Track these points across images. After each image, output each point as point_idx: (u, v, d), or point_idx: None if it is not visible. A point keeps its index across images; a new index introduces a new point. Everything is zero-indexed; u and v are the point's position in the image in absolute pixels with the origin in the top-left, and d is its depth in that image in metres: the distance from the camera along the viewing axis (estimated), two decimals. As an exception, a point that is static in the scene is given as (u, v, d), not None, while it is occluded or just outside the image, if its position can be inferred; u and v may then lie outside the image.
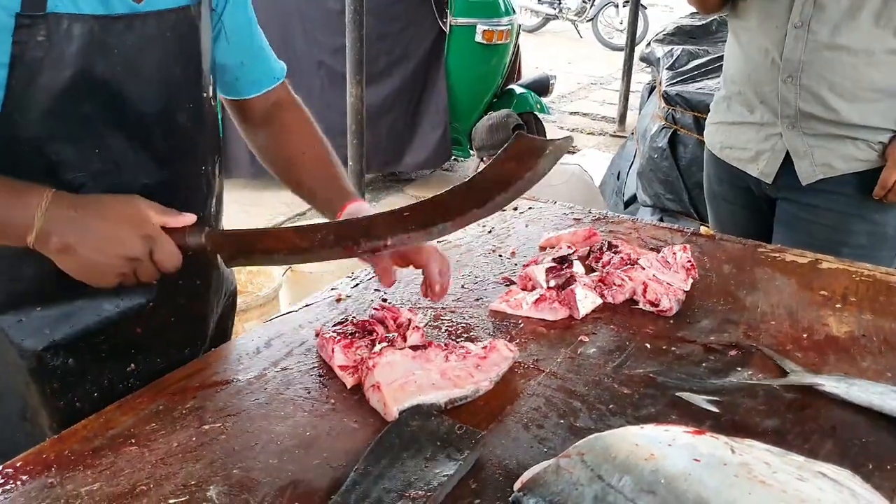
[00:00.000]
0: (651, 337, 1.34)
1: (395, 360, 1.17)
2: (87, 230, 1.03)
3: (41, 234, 1.02)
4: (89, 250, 1.04)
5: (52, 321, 1.20)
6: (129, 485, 0.97)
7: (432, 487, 0.92)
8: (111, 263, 1.05)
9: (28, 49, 1.03)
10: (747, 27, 1.97)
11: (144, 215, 1.07)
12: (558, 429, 1.09)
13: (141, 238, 1.06)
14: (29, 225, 1.01)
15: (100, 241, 1.04)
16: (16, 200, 1.02)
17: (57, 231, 1.02)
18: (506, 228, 1.78)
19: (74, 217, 1.03)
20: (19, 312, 1.18)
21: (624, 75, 7.03)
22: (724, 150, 2.11)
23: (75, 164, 1.12)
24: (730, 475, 0.87)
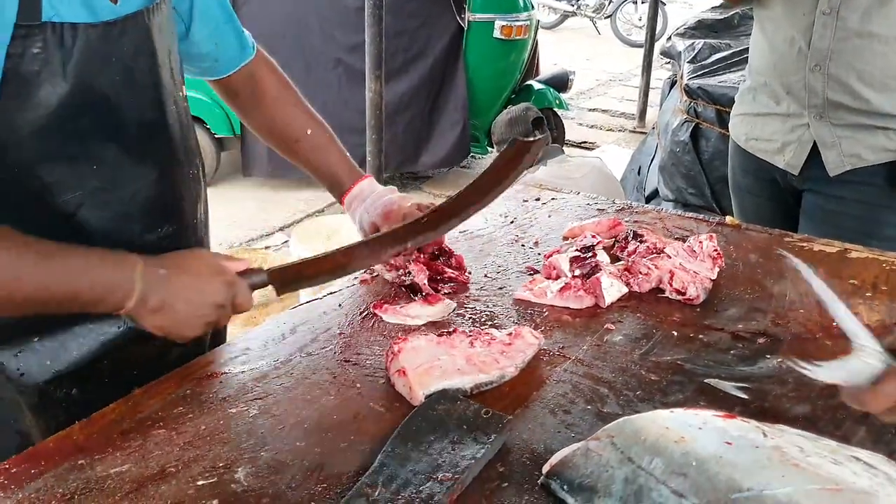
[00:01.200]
0: (678, 325, 1.33)
1: (421, 345, 1.17)
2: (179, 286, 1.07)
3: (141, 297, 1.04)
4: (183, 304, 1.07)
5: (52, 351, 1.16)
6: (158, 466, 0.97)
7: (460, 470, 0.92)
8: (202, 314, 1.09)
9: (23, 63, 0.98)
10: (773, 16, 1.95)
11: (222, 265, 1.14)
12: (585, 414, 1.08)
13: (225, 286, 1.11)
14: (130, 290, 1.03)
15: (192, 294, 1.08)
16: (111, 268, 1.04)
17: (153, 291, 1.05)
18: (529, 219, 1.77)
19: (166, 276, 1.07)
20: (16, 345, 1.14)
21: (643, 71, 6.98)
22: (749, 141, 2.09)
23: (70, 185, 1.09)
24: (762, 458, 0.86)
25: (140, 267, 1.04)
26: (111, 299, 1.03)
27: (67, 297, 1.01)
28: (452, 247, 1.51)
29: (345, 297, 1.42)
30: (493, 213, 1.81)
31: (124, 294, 1.03)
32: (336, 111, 4.98)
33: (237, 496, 0.92)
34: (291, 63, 1.72)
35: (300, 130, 1.45)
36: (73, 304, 1.03)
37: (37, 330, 1.15)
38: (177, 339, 1.11)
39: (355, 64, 4.87)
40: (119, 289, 1.03)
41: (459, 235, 1.68)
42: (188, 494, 0.92)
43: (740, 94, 2.16)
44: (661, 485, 0.84)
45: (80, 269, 1.02)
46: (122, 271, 1.04)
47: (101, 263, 1.04)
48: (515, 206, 1.84)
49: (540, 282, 1.43)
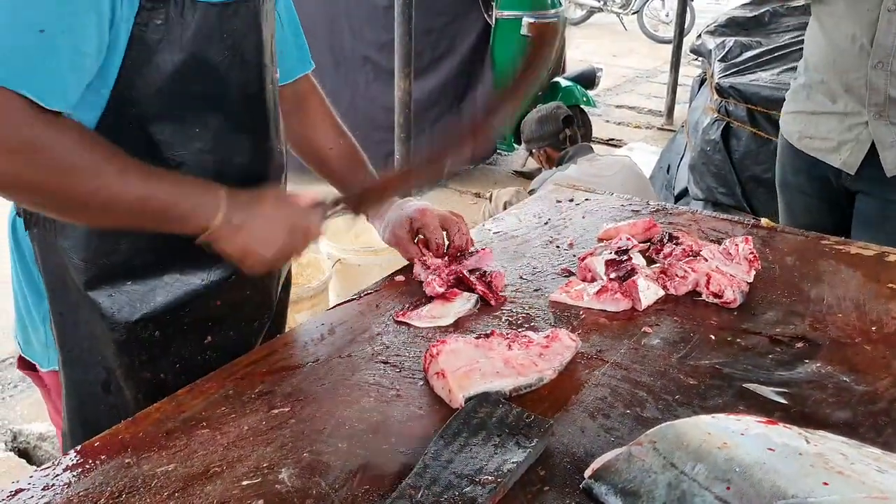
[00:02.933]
0: (715, 328, 1.32)
1: (459, 347, 1.18)
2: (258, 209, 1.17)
3: (225, 216, 1.13)
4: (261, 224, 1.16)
5: (142, 295, 1.25)
6: (203, 466, 0.99)
7: (502, 474, 0.92)
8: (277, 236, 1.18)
9: (147, 32, 1.08)
10: (833, 12, 1.92)
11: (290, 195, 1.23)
12: (625, 418, 1.08)
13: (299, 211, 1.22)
14: (216, 208, 1.13)
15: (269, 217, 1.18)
16: (202, 191, 1.14)
17: (236, 212, 1.14)
18: (563, 220, 1.78)
19: (247, 201, 1.16)
20: (111, 287, 1.23)
21: (672, 68, 6.93)
22: (802, 139, 2.06)
23: (176, 143, 1.18)
24: (806, 465, 0.86)
25: (224, 191, 1.14)
26: (199, 214, 1.13)
27: (161, 210, 1.11)
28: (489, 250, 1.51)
29: (382, 297, 1.43)
30: (527, 213, 1.81)
31: (211, 212, 1.13)
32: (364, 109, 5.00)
33: (281, 496, 0.93)
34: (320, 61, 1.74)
35: (331, 141, 1.54)
36: (166, 219, 1.12)
37: (130, 275, 1.24)
38: (253, 263, 1.18)
39: (383, 62, 4.89)
40: (206, 206, 1.13)
41: (494, 236, 1.68)
42: (233, 494, 0.94)
43: (793, 91, 2.13)
44: (705, 490, 0.84)
45: (175, 188, 1.12)
46: (209, 193, 1.14)
47: (192, 186, 1.14)
48: (549, 207, 1.85)
49: (576, 284, 1.43)
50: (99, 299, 1.23)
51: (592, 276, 1.45)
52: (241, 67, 1.20)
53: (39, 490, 0.94)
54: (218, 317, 1.33)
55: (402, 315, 1.35)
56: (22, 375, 3.16)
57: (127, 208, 1.09)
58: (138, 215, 1.11)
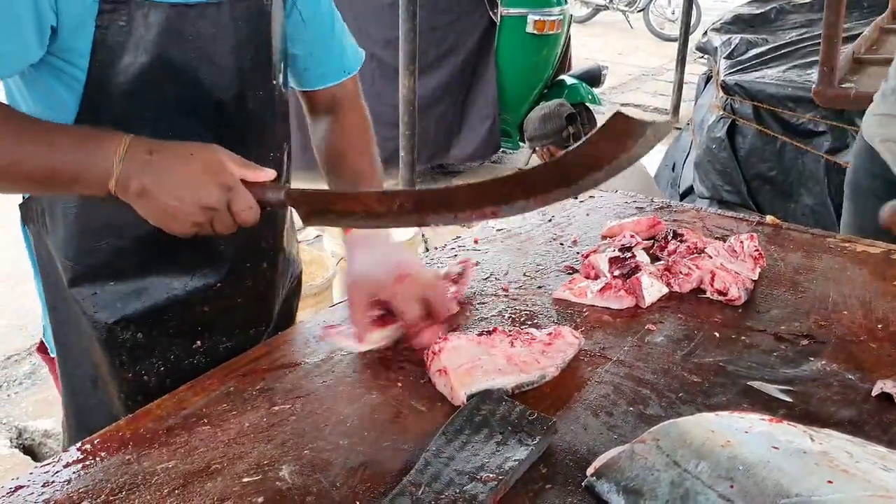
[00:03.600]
0: (719, 326, 1.31)
1: (461, 344, 1.17)
2: (164, 174, 1.02)
3: (121, 180, 1.02)
4: (166, 195, 1.02)
5: (123, 296, 1.24)
6: (204, 463, 0.98)
7: (504, 471, 0.92)
8: (187, 211, 1.03)
9: (109, 34, 1.07)
10: None
11: (223, 164, 1.05)
12: (628, 416, 1.07)
13: (218, 187, 1.04)
14: (109, 171, 1.01)
15: (176, 187, 1.02)
16: (95, 146, 1.02)
17: (136, 175, 1.01)
18: (566, 217, 1.77)
19: (151, 161, 1.02)
20: (94, 286, 1.23)
21: (678, 65, 6.91)
22: (884, 142, 2.03)
23: None
24: (810, 463, 0.85)
25: (123, 148, 1.02)
26: (92, 179, 1.02)
27: (49, 172, 1.02)
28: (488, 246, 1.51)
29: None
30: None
31: (104, 175, 1.02)
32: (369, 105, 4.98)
33: (282, 494, 0.93)
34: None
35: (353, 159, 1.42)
36: (57, 181, 1.04)
37: (112, 276, 1.23)
38: (168, 230, 1.06)
39: (388, 59, 4.88)
40: (97, 169, 1.02)
41: (497, 234, 1.68)
42: (234, 491, 0.93)
43: (882, 94, 2.10)
44: (708, 489, 0.84)
45: (63, 145, 1.02)
46: (104, 151, 1.02)
47: (84, 142, 1.03)
48: (553, 205, 1.84)
49: (579, 281, 1.42)
50: (81, 298, 1.23)
51: (596, 274, 1.45)
52: (211, 71, 1.16)
53: (39, 487, 0.94)
54: (206, 323, 1.31)
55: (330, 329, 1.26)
56: (27, 373, 3.19)
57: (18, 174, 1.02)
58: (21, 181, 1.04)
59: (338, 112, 1.45)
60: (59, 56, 1.08)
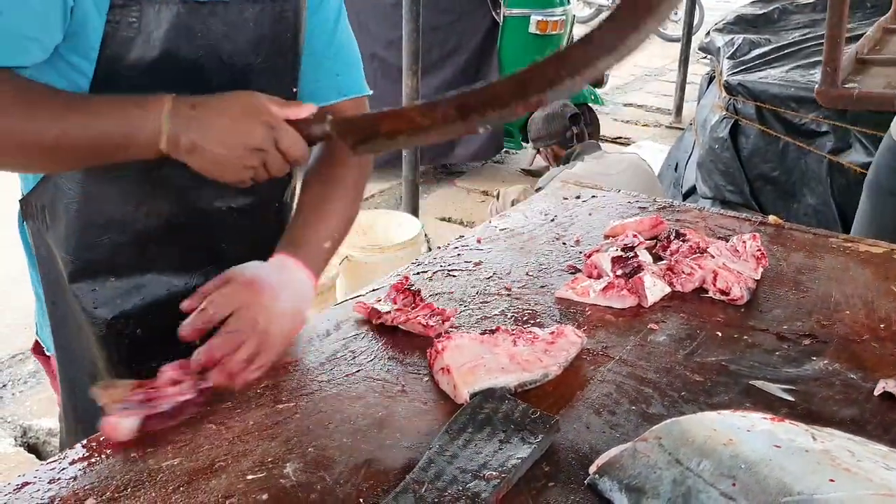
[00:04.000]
0: (722, 325, 1.32)
1: (464, 343, 1.18)
2: (209, 126, 1.04)
3: (171, 138, 1.03)
4: (214, 145, 1.04)
5: (123, 292, 1.24)
6: (209, 460, 0.99)
7: (506, 469, 0.92)
8: (237, 155, 1.05)
9: (119, 29, 1.07)
10: None
11: (262, 105, 1.07)
12: (630, 415, 1.08)
13: (262, 126, 1.06)
14: (158, 131, 1.03)
15: (222, 135, 1.04)
16: (140, 110, 1.04)
17: (183, 131, 1.03)
18: (569, 217, 1.77)
19: (195, 115, 1.04)
20: (94, 282, 1.23)
21: (680, 66, 6.91)
22: None
23: None
24: (812, 462, 0.85)
25: (168, 106, 1.04)
26: (140, 139, 1.04)
27: (97, 140, 1.03)
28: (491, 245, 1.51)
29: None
30: (534, 210, 1.81)
31: (152, 134, 1.03)
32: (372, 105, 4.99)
33: (286, 491, 0.94)
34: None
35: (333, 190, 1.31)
36: (105, 149, 1.05)
37: (112, 272, 1.23)
38: (227, 181, 1.08)
39: (390, 58, 4.89)
40: (145, 129, 1.03)
41: (500, 233, 1.68)
42: (238, 489, 0.94)
43: None
44: (710, 487, 0.84)
45: (107, 112, 1.04)
46: (149, 111, 1.04)
47: (127, 105, 1.04)
48: (556, 204, 1.84)
49: (582, 281, 1.43)
50: (81, 293, 1.23)
51: (599, 273, 1.45)
52: (221, 69, 1.16)
53: (45, 483, 0.95)
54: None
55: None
56: (31, 371, 3.20)
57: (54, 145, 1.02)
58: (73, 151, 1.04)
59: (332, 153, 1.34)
60: (69, 48, 1.08)
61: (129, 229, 1.21)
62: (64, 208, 1.20)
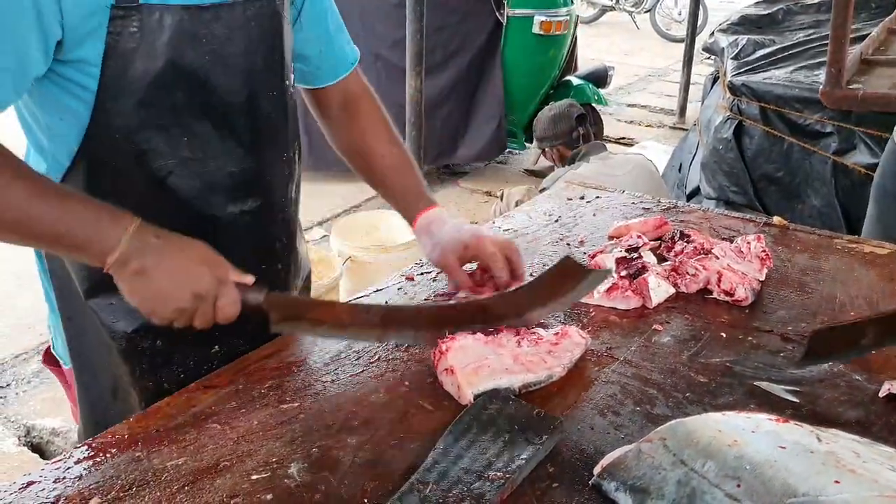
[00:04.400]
0: (726, 326, 1.32)
1: (468, 344, 1.18)
2: (165, 257, 1.06)
3: (123, 256, 1.04)
4: (163, 277, 1.06)
5: None
6: (213, 460, 0.99)
7: (511, 470, 0.92)
8: (178, 295, 1.07)
9: (121, 40, 1.06)
10: None
11: (220, 261, 1.11)
12: (635, 416, 1.08)
13: (212, 278, 1.09)
14: (113, 245, 1.04)
15: (174, 271, 1.07)
16: (106, 219, 1.05)
17: (137, 254, 1.05)
18: (573, 217, 1.77)
19: (157, 245, 1.06)
20: (110, 296, 1.20)
21: (684, 66, 6.89)
22: None
23: (164, 152, 1.15)
24: (817, 463, 0.86)
25: (133, 227, 1.05)
26: (93, 249, 1.04)
27: (52, 235, 1.04)
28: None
29: (391, 294, 1.43)
30: (538, 211, 1.81)
31: (106, 247, 1.04)
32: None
33: (291, 491, 0.94)
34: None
35: (383, 148, 1.45)
36: (58, 246, 1.08)
37: None
38: (147, 314, 1.10)
39: (394, 59, 4.89)
40: (102, 240, 1.04)
41: (504, 234, 1.68)
42: (243, 488, 0.94)
43: None
44: (715, 488, 0.84)
45: (71, 212, 1.04)
46: (113, 225, 1.05)
47: (96, 213, 1.06)
48: (560, 205, 1.84)
49: (586, 281, 1.42)
50: (99, 308, 1.22)
51: (603, 274, 1.45)
52: (224, 73, 1.16)
53: (51, 483, 0.95)
54: (224, 326, 1.25)
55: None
56: (35, 371, 3.20)
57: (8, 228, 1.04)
58: (29, 238, 1.07)
59: (353, 106, 1.45)
60: (69, 66, 1.08)
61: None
62: None
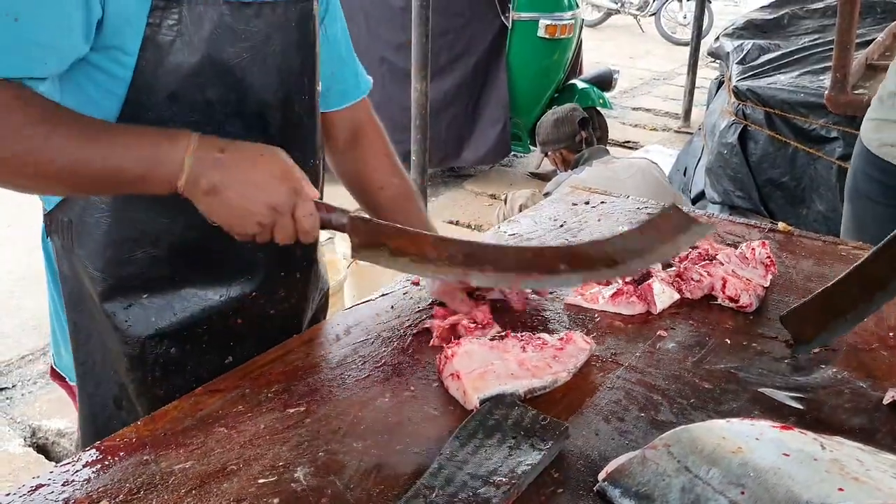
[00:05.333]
0: (731, 332, 1.32)
1: (474, 349, 1.18)
2: (234, 172, 1.03)
3: (191, 176, 1.01)
4: (236, 193, 1.03)
5: (158, 309, 1.22)
6: (220, 464, 1.00)
7: (516, 475, 0.93)
8: (254, 210, 1.04)
9: (159, 32, 1.05)
10: None
11: (294, 170, 1.07)
12: (639, 422, 1.08)
13: (287, 188, 1.06)
14: (178, 167, 1.01)
15: (246, 186, 1.04)
16: (166, 143, 1.02)
17: (205, 172, 1.02)
18: (578, 223, 1.78)
19: (222, 159, 1.03)
20: (127, 299, 1.20)
21: (689, 70, 6.90)
22: (882, 147, 2.04)
23: None
24: (821, 471, 0.86)
25: (194, 145, 1.02)
26: (158, 177, 1.02)
27: (111, 173, 1.01)
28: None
29: (397, 298, 1.43)
30: (543, 216, 1.82)
31: (171, 172, 1.01)
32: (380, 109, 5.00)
33: (297, 495, 0.94)
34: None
35: (385, 180, 1.44)
36: (121, 184, 1.03)
37: (146, 288, 1.21)
38: (230, 232, 1.07)
39: (399, 62, 4.90)
40: (165, 165, 1.01)
41: (510, 239, 1.69)
42: (250, 492, 0.95)
43: (878, 98, 2.11)
44: (719, 495, 0.84)
45: (125, 146, 1.01)
46: (172, 147, 1.02)
47: (152, 139, 1.02)
48: (565, 210, 1.85)
49: (591, 287, 1.43)
50: (114, 311, 1.20)
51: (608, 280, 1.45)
52: (260, 72, 1.15)
53: (59, 486, 0.96)
54: (239, 334, 1.28)
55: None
56: (41, 372, 3.21)
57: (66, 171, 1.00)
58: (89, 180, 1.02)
59: (358, 135, 1.44)
60: (102, 55, 1.05)
61: (163, 243, 1.19)
62: (94, 222, 1.17)
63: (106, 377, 1.26)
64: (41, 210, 1.25)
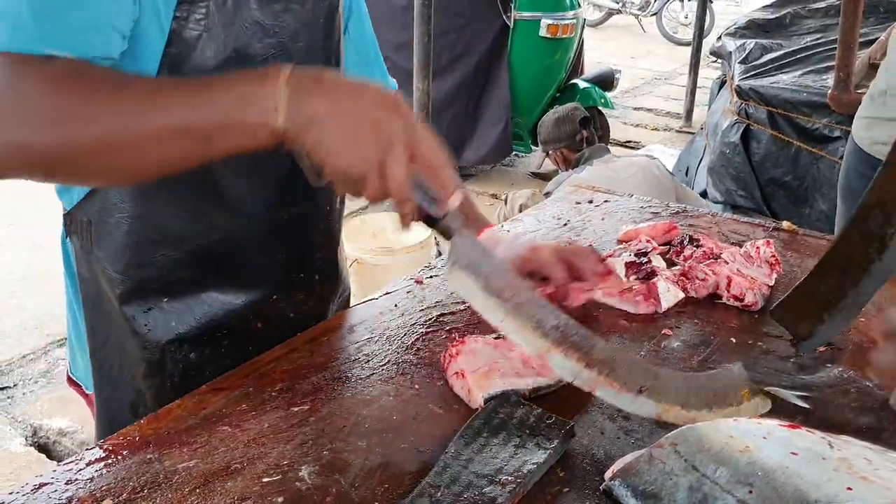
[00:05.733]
0: (736, 331, 1.32)
1: (478, 347, 1.18)
2: (338, 98, 0.87)
3: (291, 110, 0.85)
4: (342, 120, 0.86)
5: (178, 313, 1.19)
6: (224, 463, 0.99)
7: (522, 474, 0.92)
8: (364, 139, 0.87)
9: (186, 26, 1.02)
10: None
11: (399, 99, 0.90)
12: (645, 421, 1.08)
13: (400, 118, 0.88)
14: (273, 103, 0.86)
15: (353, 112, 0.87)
16: (255, 81, 0.87)
17: (305, 101, 0.86)
18: (582, 221, 1.77)
19: (320, 89, 0.87)
20: (147, 302, 1.17)
21: (691, 70, 6.90)
22: (874, 145, 2.04)
23: None
24: (829, 470, 0.85)
25: (285, 76, 0.87)
26: (252, 118, 0.86)
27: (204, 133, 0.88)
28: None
29: (401, 297, 1.43)
30: (546, 215, 1.81)
31: (267, 109, 0.86)
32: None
33: (301, 494, 0.94)
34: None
35: None
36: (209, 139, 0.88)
37: (166, 291, 1.18)
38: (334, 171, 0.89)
39: (401, 62, 4.90)
40: (258, 104, 0.86)
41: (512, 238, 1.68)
42: (254, 491, 0.94)
43: (869, 96, 2.11)
44: (727, 494, 0.84)
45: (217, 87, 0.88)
46: (261, 82, 0.87)
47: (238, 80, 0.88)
48: (568, 209, 1.84)
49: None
50: (133, 315, 1.18)
51: (612, 278, 1.45)
52: None
53: (63, 484, 0.95)
54: (259, 339, 1.25)
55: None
56: (42, 371, 3.22)
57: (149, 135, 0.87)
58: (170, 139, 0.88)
59: None
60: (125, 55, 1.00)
61: (185, 244, 1.16)
62: (115, 223, 1.14)
63: (123, 382, 1.24)
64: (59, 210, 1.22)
